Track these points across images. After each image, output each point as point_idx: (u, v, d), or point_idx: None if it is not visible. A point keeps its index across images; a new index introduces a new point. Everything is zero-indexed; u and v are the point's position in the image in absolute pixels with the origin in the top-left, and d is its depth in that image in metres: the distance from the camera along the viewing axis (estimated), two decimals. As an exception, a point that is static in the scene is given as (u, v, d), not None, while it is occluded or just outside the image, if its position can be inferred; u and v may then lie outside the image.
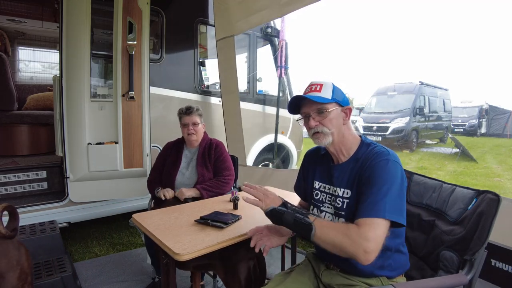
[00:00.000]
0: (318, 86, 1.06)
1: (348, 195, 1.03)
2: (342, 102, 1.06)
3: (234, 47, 3.11)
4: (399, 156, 1.01)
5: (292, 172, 3.45)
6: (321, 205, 1.12)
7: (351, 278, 1.04)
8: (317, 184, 1.16)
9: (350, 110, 1.08)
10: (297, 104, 1.10)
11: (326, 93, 1.05)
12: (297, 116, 1.15)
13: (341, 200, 1.04)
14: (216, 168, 1.99)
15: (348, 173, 1.05)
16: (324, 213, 1.10)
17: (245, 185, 1.07)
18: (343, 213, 1.03)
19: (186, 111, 1.99)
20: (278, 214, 1.00)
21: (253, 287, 1.27)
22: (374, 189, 0.93)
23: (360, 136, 1.10)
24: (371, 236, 0.87)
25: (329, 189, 1.11)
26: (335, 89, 1.06)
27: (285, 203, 1.02)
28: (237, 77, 3.18)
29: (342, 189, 1.05)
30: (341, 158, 1.09)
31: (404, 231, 1.06)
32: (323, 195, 1.13)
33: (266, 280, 1.35)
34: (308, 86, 1.09)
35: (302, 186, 1.27)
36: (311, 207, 1.17)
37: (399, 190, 0.94)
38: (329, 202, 1.10)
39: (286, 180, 2.96)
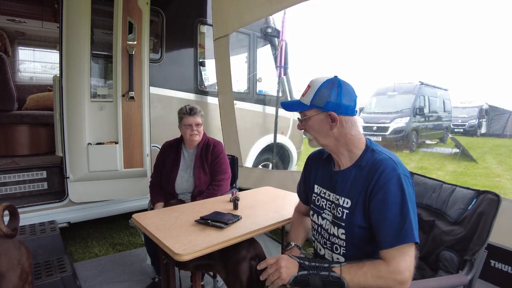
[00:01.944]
0: (306, 89, 1.04)
1: (348, 205, 0.99)
2: (324, 107, 0.99)
3: (228, 47, 3.12)
4: (399, 156, 1.00)
5: (289, 173, 3.45)
6: (321, 211, 1.10)
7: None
8: (317, 189, 1.14)
9: (333, 115, 0.99)
10: None
11: (307, 98, 1.02)
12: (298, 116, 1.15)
13: (341, 210, 1.01)
14: (212, 171, 1.96)
15: (350, 181, 1.00)
16: (325, 220, 1.08)
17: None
18: (343, 224, 1.00)
19: (190, 112, 1.93)
20: (303, 280, 0.94)
21: (255, 287, 1.27)
22: (392, 212, 0.90)
23: (366, 140, 1.04)
24: (403, 267, 0.87)
25: (329, 195, 1.08)
26: (318, 92, 1.00)
27: (301, 264, 0.96)
28: (231, 77, 3.18)
29: (343, 198, 1.01)
30: (342, 163, 1.05)
31: None
32: (323, 201, 1.10)
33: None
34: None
35: (304, 190, 1.25)
36: (311, 212, 1.15)
37: (414, 205, 0.92)
38: (329, 210, 1.07)
39: (283, 180, 2.97)
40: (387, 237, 0.89)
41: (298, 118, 1.09)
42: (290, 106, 1.12)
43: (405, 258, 0.88)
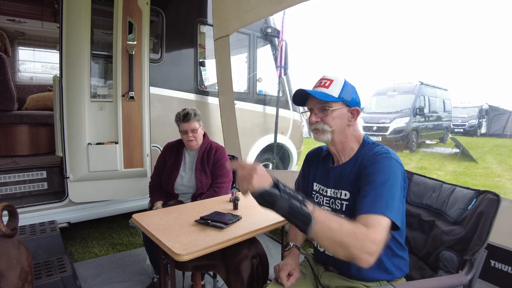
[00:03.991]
0: (328, 82, 1.03)
1: (347, 197, 1.01)
2: (350, 102, 1.02)
3: (228, 47, 3.12)
4: (399, 156, 1.00)
5: (289, 173, 3.45)
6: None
7: (350, 280, 1.03)
8: (316, 186, 1.14)
9: (358, 111, 1.04)
10: (305, 97, 1.07)
11: (333, 91, 1.01)
12: (301, 110, 1.14)
13: (340, 202, 1.02)
14: (213, 173, 1.96)
15: (347, 174, 1.03)
16: None
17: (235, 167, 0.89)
18: (342, 216, 0.98)
19: (183, 119, 1.91)
20: (270, 198, 0.83)
21: (256, 286, 1.27)
22: (377, 183, 0.90)
23: (363, 137, 1.07)
24: (378, 238, 0.81)
25: (326, 191, 1.09)
26: (345, 87, 1.02)
27: (277, 184, 0.86)
28: (232, 77, 3.18)
29: (341, 191, 1.03)
30: (342, 159, 1.07)
31: (404, 235, 1.06)
32: (321, 198, 1.11)
33: (268, 281, 1.35)
34: (319, 80, 1.06)
35: (302, 188, 1.25)
36: None
37: (400, 190, 0.92)
38: (328, 205, 1.08)
39: (283, 180, 2.97)
40: (368, 203, 0.88)
41: (311, 109, 1.05)
42: (316, 93, 1.01)
43: (382, 233, 0.83)
